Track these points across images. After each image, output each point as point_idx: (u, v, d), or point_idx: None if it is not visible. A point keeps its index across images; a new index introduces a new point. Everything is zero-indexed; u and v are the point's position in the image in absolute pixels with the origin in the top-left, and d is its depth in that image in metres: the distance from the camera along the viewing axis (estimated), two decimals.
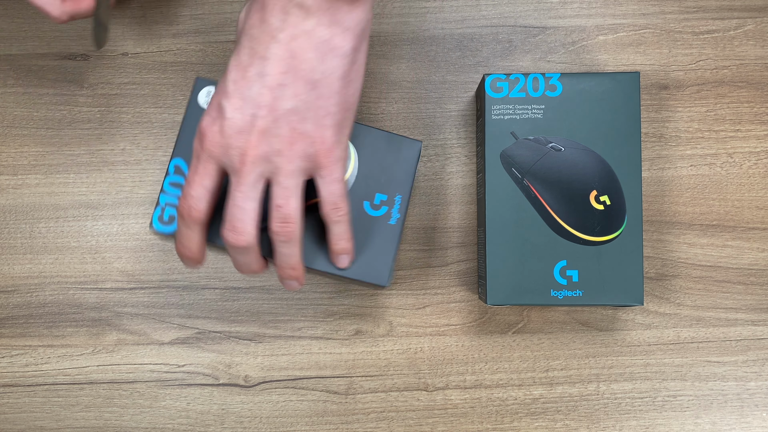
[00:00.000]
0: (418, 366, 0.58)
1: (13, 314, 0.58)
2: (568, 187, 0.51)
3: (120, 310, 0.58)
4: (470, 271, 0.58)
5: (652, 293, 0.57)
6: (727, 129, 0.58)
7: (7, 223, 0.58)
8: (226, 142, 0.42)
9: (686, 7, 0.58)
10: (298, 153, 0.42)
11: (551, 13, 0.58)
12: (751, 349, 0.57)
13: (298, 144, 0.42)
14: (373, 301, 0.58)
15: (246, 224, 0.42)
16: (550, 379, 0.57)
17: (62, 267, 0.58)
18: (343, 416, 0.57)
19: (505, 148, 0.52)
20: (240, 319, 0.58)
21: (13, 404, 0.58)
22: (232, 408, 0.58)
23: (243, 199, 0.42)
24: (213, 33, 0.59)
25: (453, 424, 0.57)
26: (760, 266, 0.57)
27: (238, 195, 0.42)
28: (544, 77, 0.52)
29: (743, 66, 0.58)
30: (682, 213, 0.58)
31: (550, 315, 0.58)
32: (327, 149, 0.42)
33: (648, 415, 0.57)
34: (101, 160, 0.58)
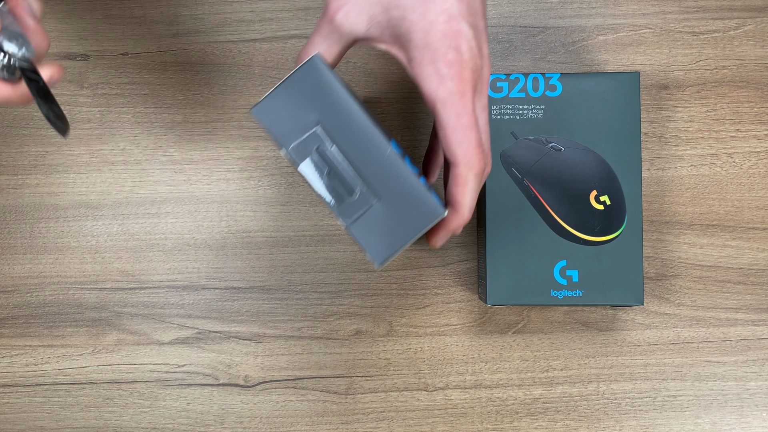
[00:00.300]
0: (418, 366, 0.58)
1: (13, 314, 0.58)
2: (568, 187, 0.51)
3: (120, 310, 0.58)
4: (470, 271, 0.58)
5: (652, 293, 0.57)
6: (727, 129, 0.58)
7: (7, 223, 0.58)
8: (480, 58, 0.41)
9: (686, 7, 0.58)
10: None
11: (551, 13, 0.58)
12: (751, 349, 0.57)
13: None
14: (373, 301, 0.58)
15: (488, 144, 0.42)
16: (550, 379, 0.57)
17: (62, 267, 0.58)
18: (343, 416, 0.57)
19: (505, 148, 0.52)
20: (240, 319, 0.58)
21: (13, 404, 0.58)
22: (232, 408, 0.58)
23: (478, 116, 0.42)
24: (213, 33, 0.59)
25: (453, 424, 0.57)
26: (760, 266, 0.57)
27: (482, 114, 0.42)
28: (544, 77, 0.52)
29: (743, 66, 0.58)
30: (682, 213, 0.58)
31: (550, 315, 0.58)
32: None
33: (648, 415, 0.57)
34: (101, 160, 0.58)
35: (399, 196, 0.40)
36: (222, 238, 0.58)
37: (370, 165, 0.40)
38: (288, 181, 0.58)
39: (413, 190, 0.40)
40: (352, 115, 0.40)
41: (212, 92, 0.59)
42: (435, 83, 0.40)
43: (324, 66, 0.40)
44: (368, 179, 0.41)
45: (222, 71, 0.59)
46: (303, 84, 0.40)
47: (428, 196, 0.40)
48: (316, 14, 0.58)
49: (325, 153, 0.41)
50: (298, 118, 0.41)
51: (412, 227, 0.40)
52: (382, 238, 0.41)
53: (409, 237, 0.41)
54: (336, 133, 0.41)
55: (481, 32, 0.42)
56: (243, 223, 0.58)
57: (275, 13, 0.59)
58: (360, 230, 0.41)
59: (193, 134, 0.58)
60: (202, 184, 0.58)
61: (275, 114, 0.41)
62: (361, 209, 0.40)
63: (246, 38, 0.58)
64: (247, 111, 0.58)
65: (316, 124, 0.41)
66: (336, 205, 0.41)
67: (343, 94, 0.40)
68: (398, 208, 0.40)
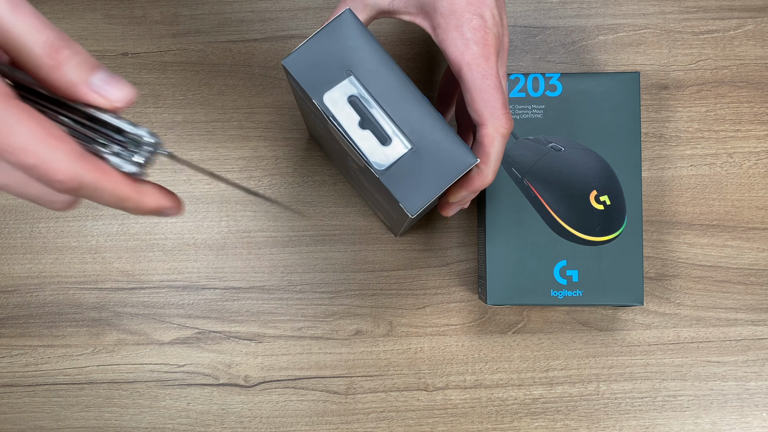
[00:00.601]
0: (418, 366, 0.58)
1: (13, 314, 0.58)
2: (568, 187, 0.51)
3: (120, 310, 0.58)
4: (470, 271, 0.58)
5: (652, 293, 0.57)
6: (727, 129, 0.58)
7: (7, 223, 0.58)
8: (501, 27, 0.43)
9: (686, 7, 0.58)
10: None
11: (551, 13, 0.58)
12: (751, 349, 0.57)
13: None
14: (373, 301, 0.58)
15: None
16: (550, 379, 0.57)
17: (62, 267, 0.58)
18: (343, 416, 0.57)
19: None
20: (240, 319, 0.58)
21: (13, 404, 0.58)
22: (232, 408, 0.58)
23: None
24: (213, 33, 0.59)
25: (453, 424, 0.57)
26: (760, 266, 0.57)
27: (503, 80, 0.43)
28: (544, 77, 0.52)
29: (743, 66, 0.58)
30: (682, 213, 0.58)
31: (550, 315, 0.58)
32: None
33: (648, 415, 0.57)
34: None
35: (432, 145, 0.40)
36: (222, 238, 0.58)
37: (403, 114, 0.40)
38: (288, 181, 0.58)
39: (446, 139, 0.40)
40: (384, 65, 0.40)
41: (212, 92, 0.58)
42: (461, 47, 0.41)
43: (355, 19, 0.40)
44: (401, 128, 0.40)
45: (222, 71, 0.59)
46: (334, 36, 0.40)
47: (460, 144, 0.40)
48: (316, 14, 0.58)
49: (358, 102, 0.40)
50: (329, 70, 0.40)
51: (445, 176, 0.40)
52: (415, 187, 0.40)
53: (442, 185, 0.40)
54: (368, 83, 0.40)
55: (501, 3, 0.43)
56: (243, 223, 0.58)
57: (275, 13, 0.59)
58: (393, 179, 0.40)
59: (193, 134, 0.58)
60: (202, 184, 0.58)
61: (307, 65, 0.41)
62: (394, 158, 0.40)
63: (246, 38, 0.58)
64: (248, 111, 0.58)
65: (349, 75, 0.40)
66: (370, 154, 0.40)
67: (375, 45, 0.40)
68: (431, 156, 0.40)
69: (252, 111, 0.58)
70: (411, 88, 0.40)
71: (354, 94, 0.40)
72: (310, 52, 0.40)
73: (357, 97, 0.40)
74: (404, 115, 0.40)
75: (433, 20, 0.42)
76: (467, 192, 0.43)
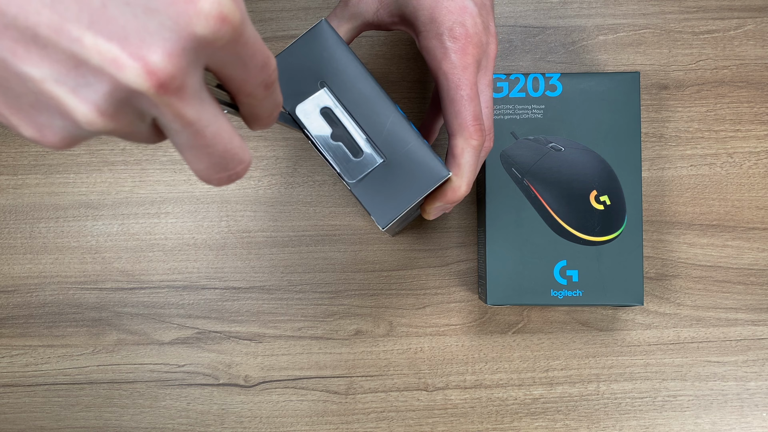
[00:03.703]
0: (418, 366, 0.58)
1: (13, 314, 0.58)
2: (568, 187, 0.51)
3: (120, 310, 0.58)
4: (470, 271, 0.58)
5: (652, 293, 0.57)
6: (727, 129, 0.58)
7: (7, 223, 0.58)
8: (486, 35, 0.42)
9: (686, 7, 0.58)
10: None
11: (551, 13, 0.58)
12: (751, 349, 0.57)
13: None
14: (373, 301, 0.58)
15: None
16: (550, 379, 0.57)
17: (62, 267, 0.58)
18: (343, 416, 0.57)
19: (505, 148, 0.52)
20: (240, 319, 0.58)
21: (13, 404, 0.58)
22: (232, 408, 0.58)
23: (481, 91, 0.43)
24: None
25: (453, 424, 0.57)
26: (760, 266, 0.57)
27: (486, 90, 0.43)
28: (544, 77, 0.52)
29: (743, 66, 0.58)
30: (682, 213, 0.58)
31: (550, 315, 0.58)
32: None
33: (648, 415, 0.57)
34: (101, 160, 0.58)
35: (404, 158, 0.40)
36: (222, 238, 0.58)
37: (376, 126, 0.41)
38: (288, 181, 0.58)
39: (418, 152, 0.40)
40: (358, 76, 0.41)
41: None
42: (439, 56, 0.41)
43: (331, 30, 0.41)
44: (373, 140, 0.41)
45: None
46: (310, 47, 0.41)
47: (432, 157, 0.40)
48: (317, 14, 0.58)
49: (330, 114, 0.41)
50: (304, 81, 0.41)
51: (416, 189, 0.40)
52: (387, 199, 0.41)
53: (413, 198, 0.41)
54: (342, 95, 0.41)
55: (488, 9, 0.42)
56: (243, 223, 0.58)
57: (275, 13, 0.59)
58: (364, 191, 0.40)
59: None
60: (202, 184, 0.58)
61: (282, 76, 0.41)
62: (366, 170, 0.40)
63: None
64: None
65: (322, 86, 0.41)
66: (341, 166, 0.40)
67: (350, 56, 0.40)
68: (403, 169, 0.40)
69: None
70: (384, 100, 0.40)
71: (326, 105, 0.40)
72: (285, 62, 0.41)
73: (330, 109, 0.40)
74: (377, 128, 0.40)
75: (416, 28, 0.42)
76: (443, 204, 0.43)
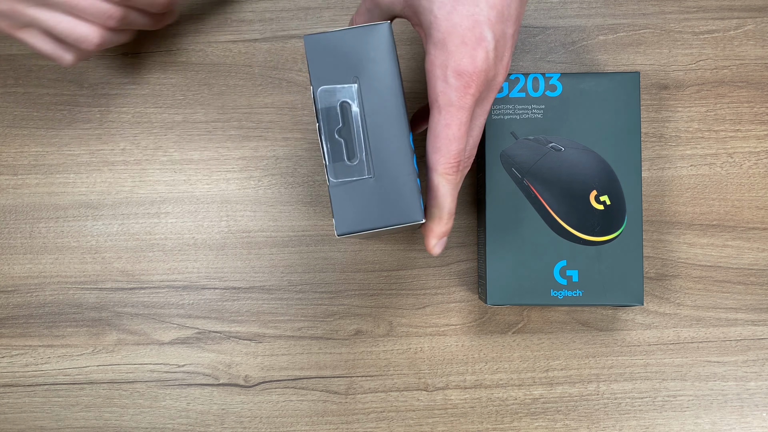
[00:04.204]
0: (418, 366, 0.58)
1: (13, 314, 0.58)
2: (568, 187, 0.51)
3: (120, 310, 0.58)
4: (470, 271, 0.58)
5: (652, 293, 0.57)
6: (727, 129, 0.58)
7: (7, 223, 0.58)
8: (496, 68, 0.40)
9: (686, 7, 0.58)
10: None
11: (551, 13, 0.58)
12: (751, 349, 0.57)
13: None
14: (373, 301, 0.58)
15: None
16: (550, 379, 0.57)
17: (62, 267, 0.58)
18: (343, 416, 0.57)
19: (505, 148, 0.52)
20: (240, 319, 0.58)
21: (13, 404, 0.58)
22: (232, 408, 0.58)
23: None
24: (213, 33, 0.59)
25: (453, 424, 0.57)
26: (760, 266, 0.57)
27: (480, 117, 0.42)
28: (544, 77, 0.52)
29: (743, 66, 0.58)
30: (682, 213, 0.58)
31: (550, 315, 0.58)
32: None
33: (648, 415, 0.57)
34: (101, 160, 0.58)
35: (391, 185, 0.40)
36: (222, 238, 0.58)
37: (382, 143, 0.40)
38: (288, 181, 0.58)
39: (405, 186, 0.40)
40: (390, 91, 0.40)
41: (212, 92, 0.58)
42: (440, 87, 0.39)
43: (390, 36, 0.40)
44: (373, 154, 0.40)
45: (222, 71, 0.59)
46: (364, 40, 0.40)
47: (416, 198, 0.40)
48: (316, 14, 0.58)
49: (348, 110, 0.40)
50: (341, 67, 0.40)
51: (385, 218, 0.40)
52: (355, 212, 0.40)
53: (379, 224, 0.40)
54: (367, 99, 0.40)
55: (508, 40, 0.40)
56: (243, 223, 0.58)
57: (275, 13, 0.59)
58: (340, 195, 0.40)
59: (193, 134, 0.58)
60: (202, 184, 0.58)
61: (324, 52, 0.41)
62: (352, 176, 0.40)
63: (246, 38, 0.58)
64: (248, 111, 0.58)
65: (354, 82, 0.40)
66: (331, 162, 0.40)
67: (393, 68, 0.40)
68: (384, 194, 0.40)
69: (252, 111, 0.58)
70: (402, 124, 0.40)
71: (348, 101, 0.40)
72: (334, 41, 0.40)
73: (349, 105, 0.40)
74: (381, 144, 0.40)
75: (427, 44, 0.40)
76: (434, 239, 0.43)
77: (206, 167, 0.58)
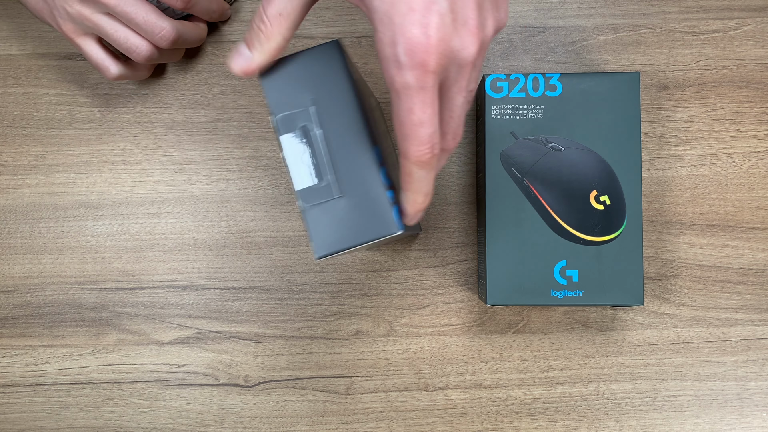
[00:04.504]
0: (418, 366, 0.58)
1: (13, 314, 0.58)
2: (568, 187, 0.51)
3: (120, 310, 0.58)
4: (470, 271, 0.58)
5: (652, 293, 0.57)
6: (727, 129, 0.58)
7: (7, 223, 0.58)
8: (458, 36, 0.34)
9: (686, 7, 0.58)
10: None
11: (551, 13, 0.58)
12: (751, 349, 0.57)
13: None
14: (373, 301, 0.58)
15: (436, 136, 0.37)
16: (550, 379, 0.57)
17: (62, 267, 0.58)
18: (343, 416, 0.57)
19: (505, 148, 0.52)
20: (240, 319, 0.58)
21: (13, 404, 0.58)
22: (232, 408, 0.58)
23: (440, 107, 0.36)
24: (213, 33, 0.59)
25: (453, 424, 0.57)
26: (760, 266, 0.57)
27: (457, 97, 0.36)
28: (544, 77, 0.52)
29: (743, 66, 0.58)
30: (682, 213, 0.58)
31: (550, 315, 0.58)
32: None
33: (648, 415, 0.57)
34: (101, 160, 0.58)
35: (362, 201, 0.40)
36: (222, 238, 0.58)
37: (347, 161, 0.41)
38: (288, 181, 0.58)
39: (376, 200, 0.40)
40: (348, 108, 0.40)
41: (212, 92, 0.58)
42: (393, 70, 0.34)
43: (339, 54, 0.40)
44: (340, 174, 0.41)
45: (222, 71, 0.59)
46: (315, 61, 0.41)
47: (388, 210, 0.40)
48: (316, 14, 0.58)
49: (309, 133, 0.41)
50: (298, 93, 0.41)
51: (363, 234, 0.40)
52: (331, 233, 0.41)
53: (357, 242, 0.41)
54: (327, 120, 0.41)
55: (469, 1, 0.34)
56: (243, 223, 0.58)
57: None
58: (314, 218, 0.41)
59: (193, 134, 0.58)
60: (202, 184, 0.58)
61: (279, 79, 0.41)
62: (323, 198, 0.41)
63: None
64: (248, 111, 0.58)
65: (312, 105, 0.41)
66: (300, 187, 0.41)
67: (348, 85, 0.40)
68: (357, 211, 0.40)
69: (252, 111, 0.58)
70: (364, 140, 0.40)
71: (308, 124, 0.41)
72: (287, 68, 0.41)
73: (310, 128, 0.41)
74: (347, 163, 0.41)
75: (373, 22, 0.34)
76: (411, 219, 0.42)
77: (206, 167, 0.58)
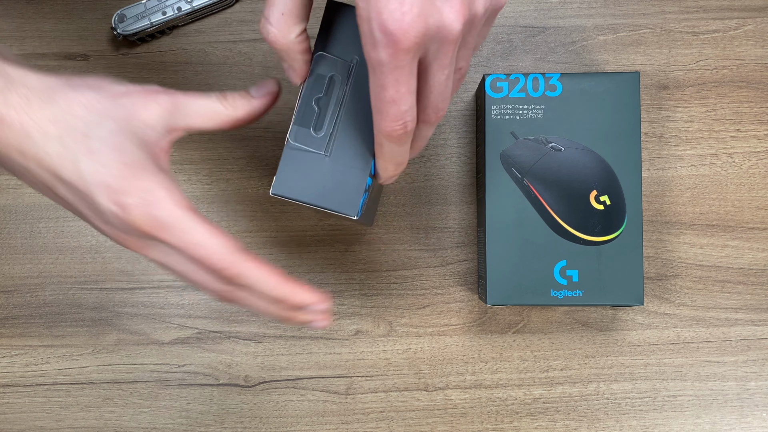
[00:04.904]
0: (418, 366, 0.58)
1: (13, 314, 0.58)
2: (568, 187, 0.51)
3: (120, 310, 0.58)
4: (470, 271, 0.58)
5: (652, 293, 0.57)
6: (727, 129, 0.58)
7: (7, 223, 0.58)
8: (437, 12, 0.33)
9: (686, 7, 0.58)
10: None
11: (551, 13, 0.58)
12: (751, 349, 0.57)
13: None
14: (373, 301, 0.58)
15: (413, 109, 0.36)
16: (550, 379, 0.57)
17: (62, 267, 0.58)
18: (343, 416, 0.57)
19: (505, 148, 0.52)
20: (240, 319, 0.58)
21: (13, 404, 0.58)
22: (232, 408, 0.58)
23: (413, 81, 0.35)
24: (213, 33, 0.59)
25: (453, 424, 0.57)
26: (760, 266, 0.57)
27: (439, 72, 0.35)
28: (544, 77, 0.52)
29: (743, 66, 0.58)
30: (682, 213, 0.58)
31: (550, 315, 0.58)
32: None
33: (648, 415, 0.57)
34: None
35: (341, 171, 0.41)
36: None
37: (351, 131, 0.41)
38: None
39: (354, 179, 0.41)
40: None
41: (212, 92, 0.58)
42: (368, 46, 0.33)
43: None
44: (337, 137, 0.41)
45: (222, 71, 0.59)
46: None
47: (358, 194, 0.41)
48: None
49: (334, 85, 0.41)
50: (349, 43, 0.41)
51: (323, 198, 0.41)
52: (297, 179, 0.41)
53: (314, 202, 0.41)
54: (356, 85, 0.41)
55: None
56: (243, 223, 0.58)
57: None
58: (291, 157, 0.41)
59: (193, 134, 0.58)
60: (202, 184, 0.58)
61: (340, 22, 0.41)
62: (309, 147, 0.41)
63: (246, 38, 0.58)
64: None
65: (352, 62, 0.41)
66: (297, 124, 0.41)
67: None
68: (331, 177, 0.41)
69: None
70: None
71: (340, 77, 0.41)
72: (353, 15, 0.40)
73: (338, 81, 0.41)
74: (350, 131, 0.41)
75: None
76: (384, 181, 0.42)
77: (206, 167, 0.58)
